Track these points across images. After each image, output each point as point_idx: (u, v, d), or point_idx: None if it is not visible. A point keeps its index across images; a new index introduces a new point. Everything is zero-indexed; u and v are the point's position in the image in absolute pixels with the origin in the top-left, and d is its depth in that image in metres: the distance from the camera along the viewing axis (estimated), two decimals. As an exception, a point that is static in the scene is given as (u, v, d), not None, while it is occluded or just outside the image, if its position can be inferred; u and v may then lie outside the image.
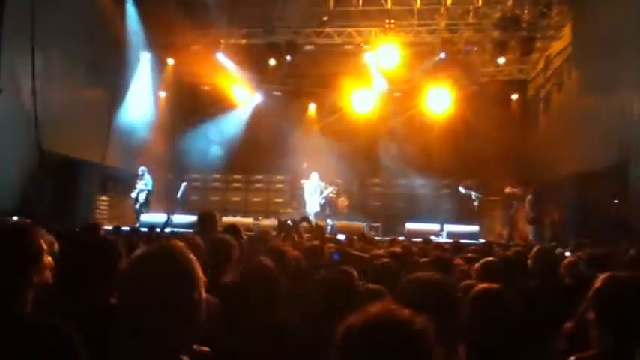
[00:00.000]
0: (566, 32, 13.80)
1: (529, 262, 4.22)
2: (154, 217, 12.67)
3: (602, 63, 11.02)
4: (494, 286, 2.59)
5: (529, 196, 13.42)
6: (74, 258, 3.08)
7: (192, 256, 1.66)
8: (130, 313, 1.57)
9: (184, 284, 1.60)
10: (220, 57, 15.85)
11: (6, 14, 10.13)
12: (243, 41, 15.75)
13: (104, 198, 14.12)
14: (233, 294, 3.27)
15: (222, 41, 15.54)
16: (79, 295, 2.70)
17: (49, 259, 2.11)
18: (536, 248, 4.42)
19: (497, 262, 4.01)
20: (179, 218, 12.95)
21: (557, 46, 14.56)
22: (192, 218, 9.27)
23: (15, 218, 6.29)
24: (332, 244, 6.12)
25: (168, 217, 7.19)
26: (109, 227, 9.28)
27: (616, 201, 10.10)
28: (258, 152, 16.91)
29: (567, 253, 6.07)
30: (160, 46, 15.78)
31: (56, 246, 4.64)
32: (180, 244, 1.70)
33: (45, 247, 2.11)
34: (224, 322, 2.84)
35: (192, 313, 1.59)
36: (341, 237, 9.07)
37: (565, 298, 3.33)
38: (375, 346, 1.22)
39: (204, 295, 1.65)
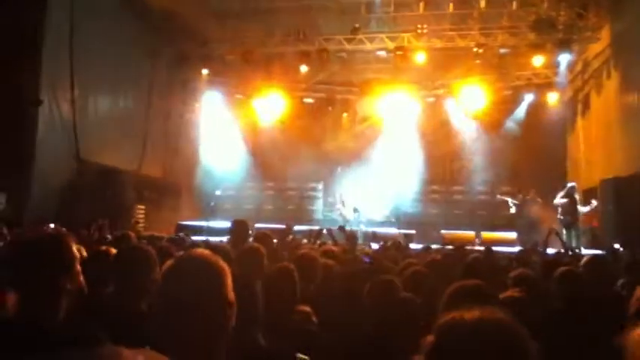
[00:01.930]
0: (605, 34, 13.47)
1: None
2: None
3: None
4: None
5: (563, 200, 12.81)
6: (102, 266, 3.16)
7: (221, 265, 1.71)
8: (162, 319, 1.63)
9: (213, 292, 1.65)
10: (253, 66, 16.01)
11: (46, 27, 10.45)
12: (276, 49, 15.85)
13: (141, 206, 14.35)
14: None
15: (254, 50, 15.68)
16: (110, 302, 2.74)
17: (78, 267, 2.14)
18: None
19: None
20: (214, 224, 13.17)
21: (595, 48, 14.23)
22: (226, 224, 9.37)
23: (52, 226, 6.44)
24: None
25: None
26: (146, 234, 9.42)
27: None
28: (291, 159, 16.97)
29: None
30: (194, 56, 16.03)
31: (84, 253, 4.75)
32: (208, 253, 1.72)
33: (77, 255, 2.15)
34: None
35: (222, 319, 1.65)
36: (375, 246, 8.97)
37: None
38: (480, 346, 1.23)
39: (233, 298, 1.69)
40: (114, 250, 3.51)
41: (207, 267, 1.69)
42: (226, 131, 17.73)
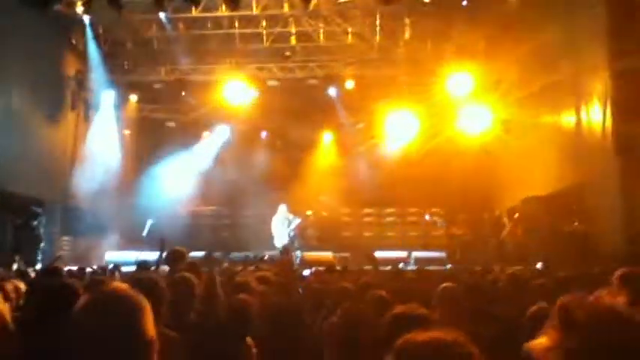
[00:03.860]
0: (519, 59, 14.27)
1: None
2: (121, 256, 12.50)
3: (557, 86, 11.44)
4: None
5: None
6: (34, 302, 3.06)
7: (137, 299, 1.66)
8: (79, 352, 1.57)
9: (127, 327, 1.59)
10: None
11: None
12: (208, 77, 15.84)
13: (66, 238, 13.81)
14: (197, 329, 3.29)
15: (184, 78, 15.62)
16: (39, 336, 2.67)
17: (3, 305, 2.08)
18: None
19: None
20: (147, 255, 12.79)
21: (511, 74, 15.04)
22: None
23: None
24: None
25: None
26: (74, 267, 9.08)
27: (576, 223, 10.40)
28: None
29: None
30: (122, 83, 15.78)
31: (22, 288, 4.57)
32: (125, 287, 1.70)
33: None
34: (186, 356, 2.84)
35: (140, 354, 1.59)
36: (306, 273, 9.02)
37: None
38: None
39: (153, 334, 1.63)
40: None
41: (123, 302, 1.62)
42: (158, 159, 17.45)
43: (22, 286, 4.69)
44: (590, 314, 1.41)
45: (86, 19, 13.81)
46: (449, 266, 11.94)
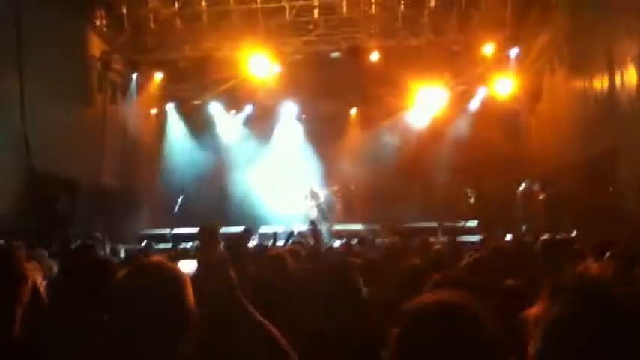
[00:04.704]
0: (551, 27, 13.89)
1: None
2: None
3: (589, 52, 11.11)
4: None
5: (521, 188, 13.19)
6: (69, 279, 3.12)
7: (177, 270, 1.70)
8: (122, 324, 1.61)
9: (169, 299, 1.62)
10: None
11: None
12: (231, 54, 15.79)
13: (101, 217, 14.06)
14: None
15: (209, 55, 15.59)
16: (74, 313, 2.73)
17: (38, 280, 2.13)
18: None
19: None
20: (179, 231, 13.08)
21: (542, 40, 14.67)
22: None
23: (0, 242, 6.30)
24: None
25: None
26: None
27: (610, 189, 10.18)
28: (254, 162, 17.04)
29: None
30: (147, 62, 15.85)
31: (55, 268, 4.68)
32: (163, 260, 1.72)
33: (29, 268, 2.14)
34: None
35: (182, 325, 1.62)
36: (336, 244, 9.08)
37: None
38: (438, 330, 1.30)
39: (193, 305, 1.67)
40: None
41: (163, 274, 1.65)
42: (184, 137, 17.61)
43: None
44: (573, 284, 1.38)
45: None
46: (479, 237, 11.84)
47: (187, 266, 2.76)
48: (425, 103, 16.59)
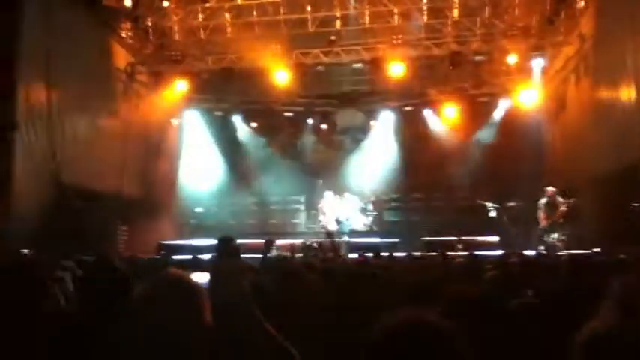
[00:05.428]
0: (575, 37, 13.72)
1: None
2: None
3: (615, 62, 10.92)
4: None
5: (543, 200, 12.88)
6: (89, 290, 3.14)
7: (195, 285, 1.67)
8: (139, 338, 1.59)
9: (188, 314, 1.60)
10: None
11: (21, 51, 10.39)
12: (253, 64, 15.91)
13: (123, 228, 14.23)
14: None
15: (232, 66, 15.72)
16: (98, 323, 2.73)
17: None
18: None
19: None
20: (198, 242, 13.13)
21: (567, 51, 14.50)
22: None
23: (25, 251, 6.37)
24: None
25: None
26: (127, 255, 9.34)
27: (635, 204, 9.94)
28: (272, 173, 17.10)
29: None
30: (171, 73, 16.04)
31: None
32: (182, 273, 1.70)
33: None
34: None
35: (201, 341, 1.60)
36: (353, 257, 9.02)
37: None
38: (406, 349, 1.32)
39: (210, 320, 1.64)
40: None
41: (183, 289, 1.63)
42: (205, 147, 17.76)
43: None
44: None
45: (134, 11, 14.10)
46: (500, 252, 11.64)
47: (201, 278, 2.74)
48: (448, 114, 16.52)
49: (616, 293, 2.53)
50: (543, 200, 12.61)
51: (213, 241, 5.90)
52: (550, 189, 12.71)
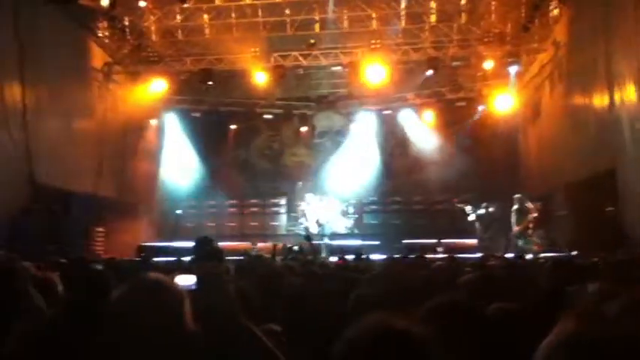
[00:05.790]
0: (550, 44, 13.97)
1: None
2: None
3: (589, 68, 11.14)
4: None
5: (514, 206, 13.10)
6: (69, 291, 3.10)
7: (177, 289, 1.66)
8: (120, 342, 1.57)
9: (171, 318, 1.59)
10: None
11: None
12: (232, 67, 15.84)
13: (100, 229, 14.04)
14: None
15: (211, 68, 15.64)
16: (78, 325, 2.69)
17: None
18: None
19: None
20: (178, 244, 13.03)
21: (542, 57, 14.75)
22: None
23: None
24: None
25: None
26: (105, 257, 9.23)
27: (608, 209, 10.14)
28: (253, 176, 17.04)
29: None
30: (148, 74, 15.88)
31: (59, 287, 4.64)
32: (163, 277, 1.69)
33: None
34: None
35: (183, 345, 1.59)
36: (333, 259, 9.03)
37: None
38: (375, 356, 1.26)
39: (192, 325, 1.64)
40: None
41: (165, 293, 1.61)
42: (184, 149, 17.62)
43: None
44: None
45: (111, 11, 13.93)
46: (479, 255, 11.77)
47: (184, 280, 2.72)
48: (426, 118, 16.69)
49: (584, 300, 2.58)
50: (515, 206, 12.83)
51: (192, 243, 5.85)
52: (517, 196, 12.93)
